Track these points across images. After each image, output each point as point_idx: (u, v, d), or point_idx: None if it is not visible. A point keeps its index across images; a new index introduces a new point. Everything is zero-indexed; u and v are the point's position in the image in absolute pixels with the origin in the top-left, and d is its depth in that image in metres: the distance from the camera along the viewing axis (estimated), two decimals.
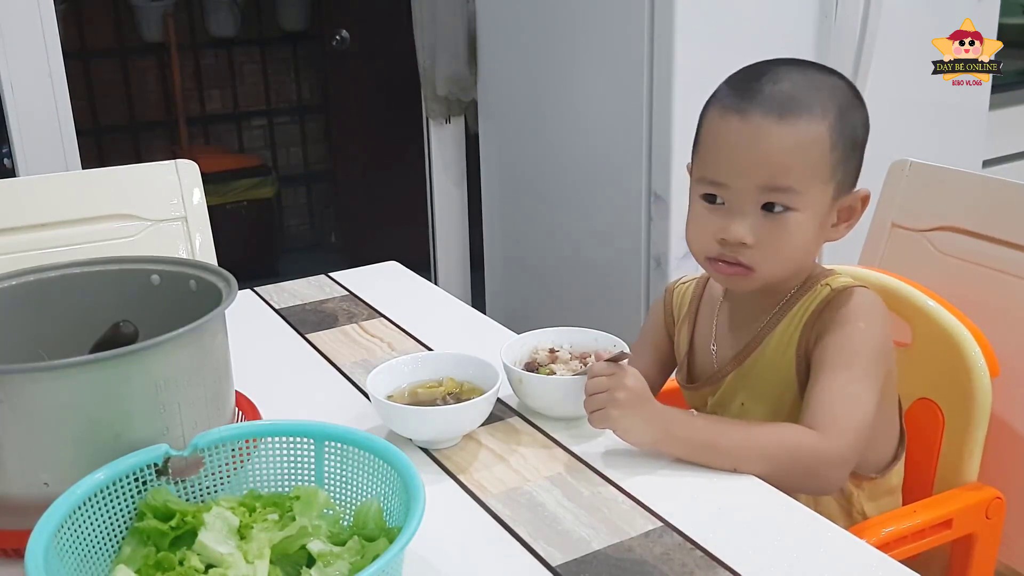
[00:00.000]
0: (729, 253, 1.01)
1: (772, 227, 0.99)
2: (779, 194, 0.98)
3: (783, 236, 0.99)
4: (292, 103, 4.19)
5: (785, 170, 0.98)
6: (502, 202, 2.50)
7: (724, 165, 1.00)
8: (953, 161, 1.39)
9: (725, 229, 1.00)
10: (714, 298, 1.14)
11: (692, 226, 1.05)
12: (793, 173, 0.98)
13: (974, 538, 1.08)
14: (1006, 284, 1.21)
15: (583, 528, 0.84)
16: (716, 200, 1.01)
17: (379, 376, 1.02)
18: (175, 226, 1.52)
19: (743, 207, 0.99)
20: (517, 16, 2.26)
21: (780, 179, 0.98)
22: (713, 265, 1.03)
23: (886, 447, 1.08)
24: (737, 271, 1.02)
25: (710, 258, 1.03)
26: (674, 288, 1.21)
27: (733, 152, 0.99)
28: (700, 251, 1.04)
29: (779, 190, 0.98)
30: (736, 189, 0.99)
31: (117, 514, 0.74)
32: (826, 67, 1.05)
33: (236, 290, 0.88)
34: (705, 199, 1.02)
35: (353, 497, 0.80)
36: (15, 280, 0.94)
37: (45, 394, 0.76)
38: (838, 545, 0.83)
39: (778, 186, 0.98)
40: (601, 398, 0.94)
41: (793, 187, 0.98)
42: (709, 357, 1.12)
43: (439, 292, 1.48)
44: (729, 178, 1.00)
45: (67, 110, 1.94)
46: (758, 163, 0.98)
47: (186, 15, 3.89)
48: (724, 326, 1.11)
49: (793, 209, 0.99)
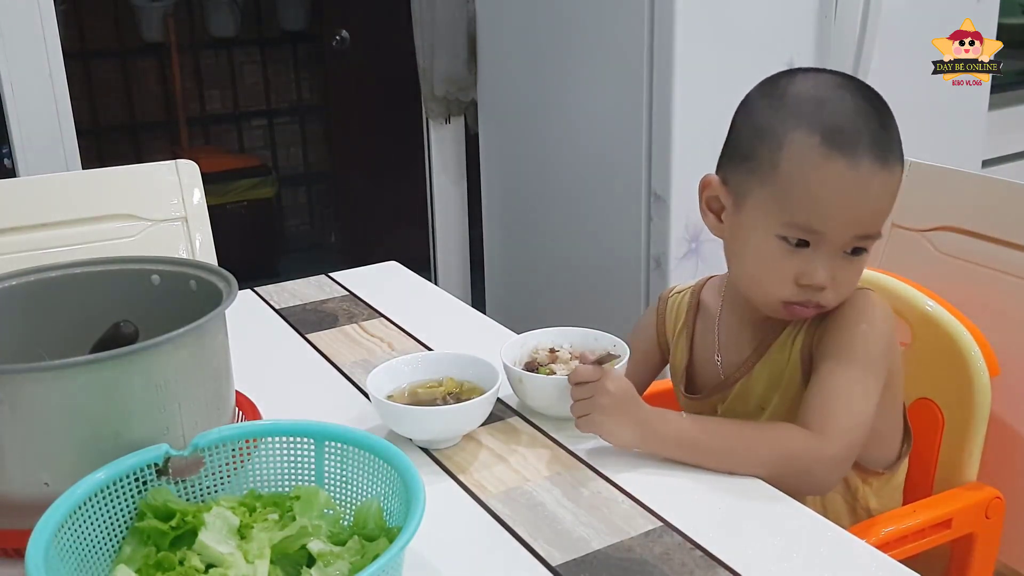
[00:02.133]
0: (811, 297, 0.97)
1: (849, 267, 0.97)
2: (869, 240, 0.97)
3: (855, 276, 0.99)
4: (292, 103, 4.19)
5: (881, 218, 0.96)
6: (502, 202, 2.50)
7: (826, 213, 0.94)
8: (953, 161, 1.39)
9: (809, 275, 0.95)
10: (711, 308, 1.13)
11: (766, 267, 0.98)
12: (883, 219, 0.97)
13: (974, 538, 1.08)
14: (1006, 284, 1.21)
15: (583, 528, 0.84)
16: (798, 241, 0.96)
17: (379, 376, 1.02)
18: (175, 226, 1.52)
19: (833, 252, 0.96)
20: (517, 16, 2.26)
21: (875, 227, 0.96)
22: (787, 308, 0.99)
23: (892, 444, 1.08)
24: (810, 313, 0.99)
25: (785, 301, 0.98)
26: (668, 298, 1.20)
27: (839, 201, 0.93)
28: (772, 293, 0.99)
29: (871, 237, 0.97)
30: (831, 237, 0.95)
31: (117, 514, 0.74)
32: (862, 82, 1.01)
33: (236, 290, 0.88)
34: (785, 240, 0.96)
35: (353, 497, 0.80)
36: (15, 280, 0.94)
37: (45, 394, 0.76)
38: (838, 545, 0.83)
39: (872, 234, 0.96)
40: (585, 404, 0.94)
41: (880, 232, 0.97)
42: (714, 368, 1.11)
43: (439, 292, 1.48)
44: (829, 228, 0.94)
45: (67, 110, 1.94)
46: (863, 214, 0.94)
47: (186, 15, 3.89)
48: (728, 336, 1.10)
49: (866, 249, 0.98)
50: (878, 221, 0.96)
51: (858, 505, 1.07)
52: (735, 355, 1.09)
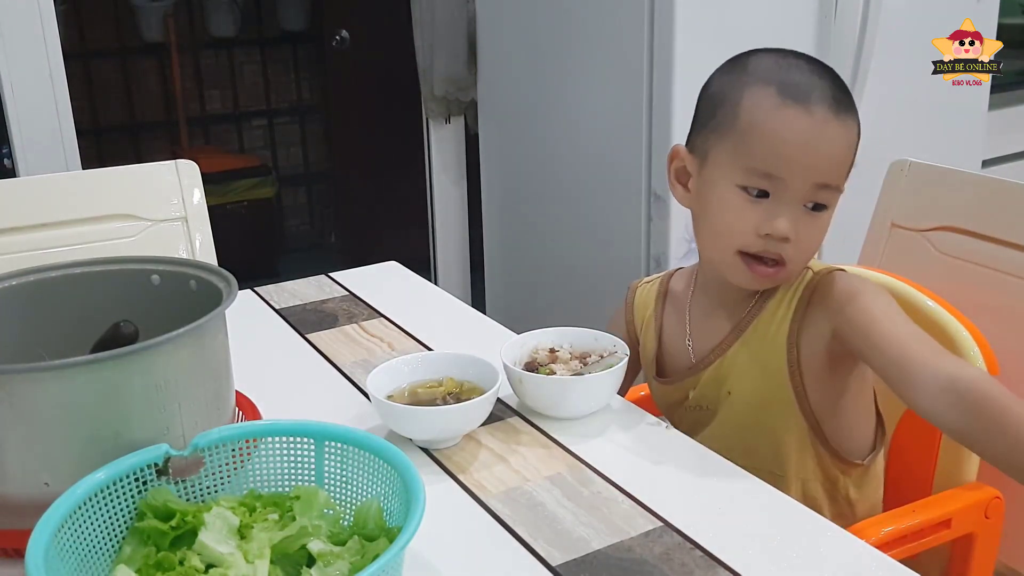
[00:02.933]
0: (772, 249, 0.98)
1: (810, 223, 0.99)
2: (828, 192, 0.98)
3: (817, 233, 1.00)
4: (292, 103, 4.19)
5: (837, 168, 0.98)
6: (502, 202, 2.50)
7: (783, 159, 0.96)
8: (953, 161, 1.39)
9: (770, 224, 0.97)
10: (680, 294, 1.14)
11: (727, 216, 1.00)
12: (840, 171, 0.99)
13: (973, 538, 1.08)
14: (1006, 284, 1.21)
15: (583, 528, 0.84)
16: (759, 192, 0.98)
17: (379, 376, 1.02)
18: (175, 226, 1.52)
19: (792, 202, 0.97)
20: (517, 17, 2.27)
21: (831, 177, 0.98)
22: (746, 261, 1.00)
23: (866, 432, 1.09)
24: (772, 272, 1.00)
25: (745, 253, 1.00)
26: (637, 288, 1.21)
27: (796, 146, 0.96)
28: (733, 244, 1.00)
29: (829, 188, 0.98)
30: (791, 184, 0.97)
31: (117, 514, 0.74)
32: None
33: (236, 290, 0.88)
34: (745, 190, 0.98)
35: (353, 497, 0.80)
36: (15, 280, 0.94)
37: (45, 394, 0.76)
38: (838, 545, 0.83)
39: (830, 184, 0.98)
40: None
41: (838, 185, 0.99)
42: (684, 352, 1.12)
43: (439, 292, 1.48)
44: (787, 173, 0.96)
45: (67, 110, 1.94)
46: (820, 160, 0.97)
47: (186, 15, 3.89)
48: (700, 319, 1.11)
49: (827, 207, 1.00)
50: (836, 171, 0.98)
51: (839, 495, 1.07)
52: (707, 339, 1.09)
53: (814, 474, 1.06)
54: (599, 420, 1.04)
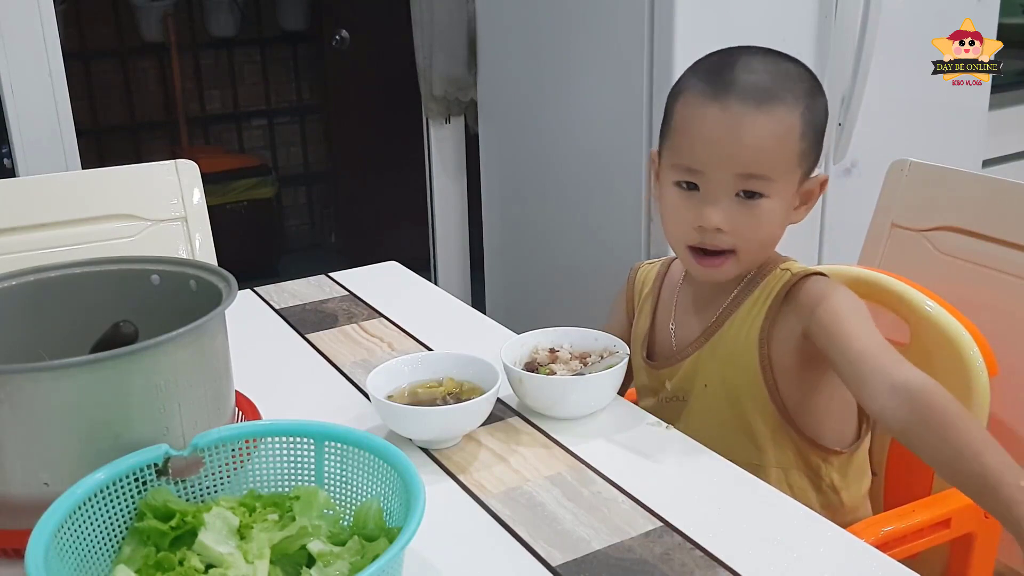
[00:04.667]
0: (709, 240, 1.03)
1: (746, 213, 1.01)
2: (755, 182, 1.01)
3: (756, 222, 1.02)
4: (292, 103, 4.19)
5: (762, 159, 1.00)
6: (502, 202, 2.50)
7: (702, 153, 1.01)
8: (953, 161, 1.39)
9: (701, 215, 1.02)
10: (675, 281, 1.17)
11: (669, 214, 1.06)
12: (769, 162, 1.00)
13: (973, 537, 1.08)
14: (1006, 284, 1.21)
15: (583, 528, 0.84)
16: (688, 185, 1.03)
17: (379, 376, 1.02)
18: (175, 226, 1.52)
19: (718, 194, 1.01)
20: (517, 16, 2.26)
21: (757, 167, 1.00)
22: (694, 255, 1.05)
23: (845, 425, 1.10)
24: (716, 263, 1.04)
25: (691, 247, 1.05)
26: (640, 267, 1.24)
27: (712, 140, 1.01)
28: (679, 239, 1.06)
29: (755, 178, 1.01)
30: (713, 177, 1.01)
31: (117, 514, 0.75)
32: (787, 55, 1.06)
33: (236, 290, 0.88)
34: (679, 185, 1.04)
35: (353, 497, 0.80)
36: (15, 280, 0.94)
37: (45, 394, 0.76)
38: (837, 544, 0.83)
39: (754, 174, 1.00)
40: None
41: (768, 175, 1.01)
42: (668, 337, 1.14)
43: (439, 292, 1.48)
44: (707, 166, 1.01)
45: (67, 110, 1.94)
46: (737, 152, 1.00)
47: (186, 15, 3.89)
48: (684, 308, 1.13)
49: (765, 196, 1.01)
50: (761, 161, 1.00)
51: (823, 483, 1.08)
52: (688, 330, 1.12)
53: (794, 463, 1.07)
54: (599, 420, 1.04)
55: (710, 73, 1.03)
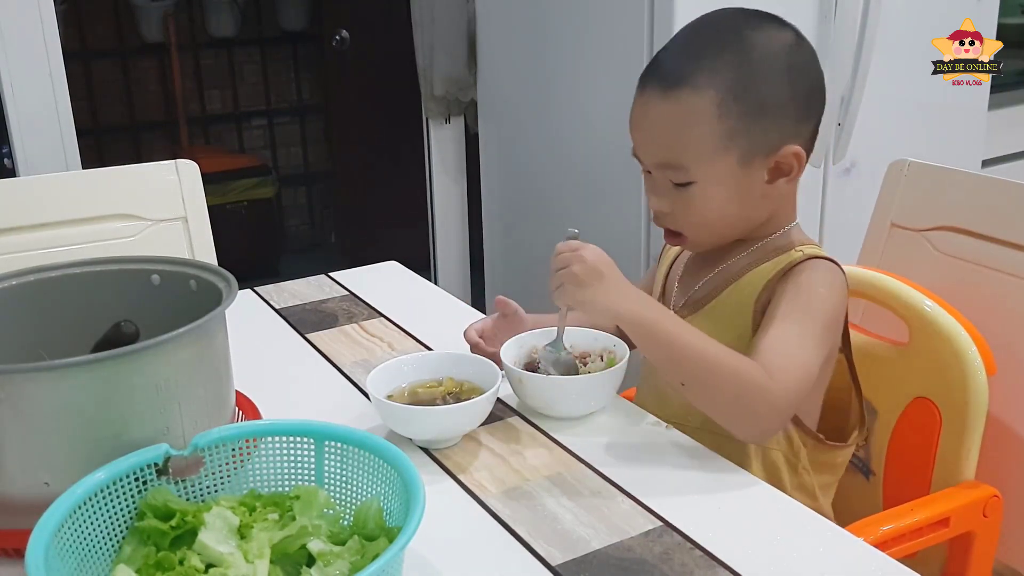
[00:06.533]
0: (658, 222, 1.06)
1: (681, 199, 1.02)
2: (672, 171, 1.01)
3: (690, 208, 1.02)
4: (292, 103, 4.19)
5: (671, 147, 1.00)
6: (502, 202, 2.50)
7: (634, 144, 1.04)
8: (953, 161, 1.39)
9: (649, 200, 1.05)
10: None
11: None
12: (678, 150, 0.99)
13: (972, 536, 1.08)
14: (1005, 284, 1.21)
15: (583, 528, 0.84)
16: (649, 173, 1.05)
17: (379, 376, 1.02)
18: (175, 226, 1.52)
19: (656, 180, 1.03)
20: (517, 16, 2.26)
21: (666, 157, 1.01)
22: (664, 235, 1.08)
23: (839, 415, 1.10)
24: (677, 241, 1.07)
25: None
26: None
27: (634, 131, 1.04)
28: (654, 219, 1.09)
29: (671, 167, 1.01)
30: (644, 164, 1.04)
31: (117, 514, 0.75)
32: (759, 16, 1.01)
33: (236, 290, 0.88)
34: (646, 171, 1.06)
35: (353, 497, 0.80)
36: (15, 280, 0.94)
37: (45, 394, 0.76)
38: (837, 544, 0.83)
39: (669, 163, 1.01)
40: (560, 274, 0.96)
41: (680, 163, 1.00)
42: (669, 299, 1.14)
43: (439, 292, 1.48)
44: (638, 154, 1.04)
45: (67, 110, 1.94)
46: (650, 141, 1.02)
47: (186, 15, 3.89)
48: (688, 271, 1.13)
49: (693, 182, 1.00)
50: (669, 149, 1.00)
51: (799, 464, 1.06)
52: (687, 293, 1.11)
53: (776, 442, 1.05)
54: (599, 420, 1.04)
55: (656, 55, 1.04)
